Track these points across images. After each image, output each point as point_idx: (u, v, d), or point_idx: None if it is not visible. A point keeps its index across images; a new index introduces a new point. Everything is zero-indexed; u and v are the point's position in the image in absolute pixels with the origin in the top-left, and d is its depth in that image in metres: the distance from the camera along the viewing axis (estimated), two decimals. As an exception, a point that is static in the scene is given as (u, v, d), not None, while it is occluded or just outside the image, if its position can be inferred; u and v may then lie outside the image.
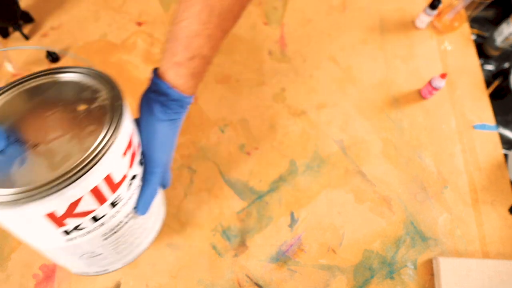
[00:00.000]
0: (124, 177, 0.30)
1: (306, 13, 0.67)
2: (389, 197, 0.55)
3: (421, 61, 0.63)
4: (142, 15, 0.65)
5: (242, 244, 0.52)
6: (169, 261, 0.50)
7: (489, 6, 0.70)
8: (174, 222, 0.52)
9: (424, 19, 0.63)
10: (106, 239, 0.32)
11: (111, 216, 0.30)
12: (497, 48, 0.64)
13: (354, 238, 0.52)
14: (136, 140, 0.32)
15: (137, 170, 0.32)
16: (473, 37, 0.67)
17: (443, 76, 0.56)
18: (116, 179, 0.28)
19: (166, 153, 0.36)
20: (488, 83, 0.64)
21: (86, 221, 0.29)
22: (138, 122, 0.35)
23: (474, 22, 0.69)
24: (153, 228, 0.41)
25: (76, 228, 0.28)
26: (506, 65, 0.66)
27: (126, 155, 0.29)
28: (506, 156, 0.58)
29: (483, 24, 0.70)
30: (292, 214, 0.53)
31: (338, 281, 0.50)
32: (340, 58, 0.64)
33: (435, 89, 0.57)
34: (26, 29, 0.62)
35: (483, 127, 0.60)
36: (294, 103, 0.60)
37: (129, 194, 0.32)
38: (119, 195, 0.30)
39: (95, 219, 0.29)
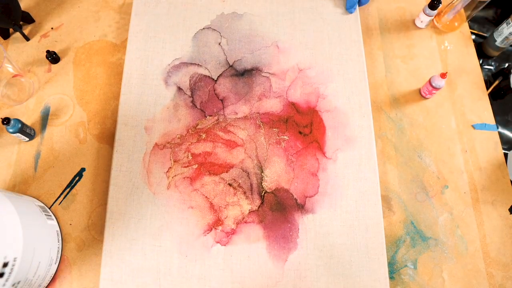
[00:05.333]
0: None
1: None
2: (389, 197, 0.55)
3: (421, 61, 0.64)
4: (142, 15, 0.65)
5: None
6: (169, 261, 0.50)
7: (489, 6, 0.70)
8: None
9: (424, 19, 0.63)
10: None
11: None
12: (497, 48, 0.64)
13: (354, 238, 0.52)
14: None
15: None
16: (473, 37, 0.67)
17: (443, 75, 0.56)
18: None
19: None
20: (488, 83, 0.64)
21: None
22: None
23: (474, 22, 0.70)
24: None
25: None
26: (506, 65, 0.66)
27: None
28: (506, 156, 0.58)
29: (483, 24, 0.70)
30: (292, 214, 0.53)
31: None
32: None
33: (435, 88, 0.57)
34: (26, 30, 0.62)
35: (483, 127, 0.60)
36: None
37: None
38: None
39: None
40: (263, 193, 0.51)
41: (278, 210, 0.50)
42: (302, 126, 0.55)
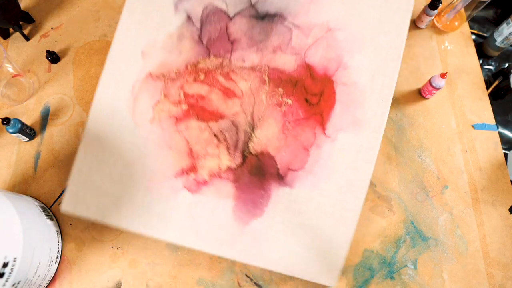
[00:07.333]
0: None
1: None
2: (389, 197, 0.55)
3: (421, 61, 0.64)
4: (142, 15, 0.65)
5: (242, 244, 0.51)
6: (169, 261, 0.50)
7: (489, 6, 0.70)
8: (174, 222, 0.52)
9: (424, 19, 0.63)
10: None
11: None
12: (497, 48, 0.64)
13: (354, 238, 0.52)
14: None
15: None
16: (473, 37, 0.67)
17: (443, 75, 0.56)
18: None
19: None
20: (488, 83, 0.64)
21: None
22: None
23: (474, 22, 0.70)
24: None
25: None
26: (506, 65, 0.66)
27: None
28: (506, 156, 0.58)
29: (483, 24, 0.70)
30: (292, 214, 0.53)
31: (338, 281, 0.50)
32: (340, 58, 0.64)
33: (435, 88, 0.57)
34: (26, 30, 0.62)
35: (483, 127, 0.60)
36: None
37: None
38: None
39: None
40: (246, 153, 0.48)
41: (256, 175, 0.48)
42: (311, 93, 0.49)
